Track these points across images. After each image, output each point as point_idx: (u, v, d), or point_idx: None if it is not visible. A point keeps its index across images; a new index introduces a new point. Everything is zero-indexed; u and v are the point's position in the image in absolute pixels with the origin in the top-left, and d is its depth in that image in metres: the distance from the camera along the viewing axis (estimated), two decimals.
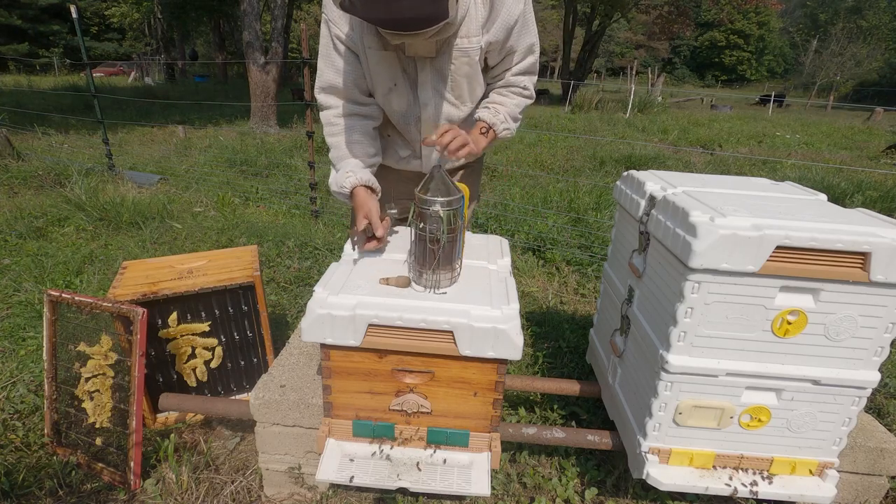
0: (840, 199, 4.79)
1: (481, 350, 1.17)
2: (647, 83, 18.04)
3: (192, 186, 4.67)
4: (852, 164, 7.44)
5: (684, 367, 1.12)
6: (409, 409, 1.26)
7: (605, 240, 3.32)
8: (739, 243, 1.01)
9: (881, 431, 1.37)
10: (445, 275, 1.25)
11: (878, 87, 31.33)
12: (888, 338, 1.08)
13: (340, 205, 4.25)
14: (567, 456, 1.63)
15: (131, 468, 1.42)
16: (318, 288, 1.21)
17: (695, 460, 1.22)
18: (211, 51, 25.99)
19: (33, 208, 3.78)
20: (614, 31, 36.41)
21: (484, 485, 1.22)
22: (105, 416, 1.49)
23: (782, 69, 44.84)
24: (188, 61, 22.50)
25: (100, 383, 1.49)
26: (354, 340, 1.18)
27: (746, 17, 40.60)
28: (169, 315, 1.60)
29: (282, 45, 8.38)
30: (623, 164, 6.22)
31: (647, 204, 1.31)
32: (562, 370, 2.07)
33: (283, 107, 9.42)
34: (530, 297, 2.73)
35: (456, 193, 1.20)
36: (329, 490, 1.47)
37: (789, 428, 1.18)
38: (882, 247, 0.99)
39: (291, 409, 1.37)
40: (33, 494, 1.42)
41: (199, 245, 3.27)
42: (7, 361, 1.99)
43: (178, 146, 6.53)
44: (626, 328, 1.41)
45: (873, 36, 33.42)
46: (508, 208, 3.98)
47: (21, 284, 2.59)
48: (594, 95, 13.87)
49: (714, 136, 9.59)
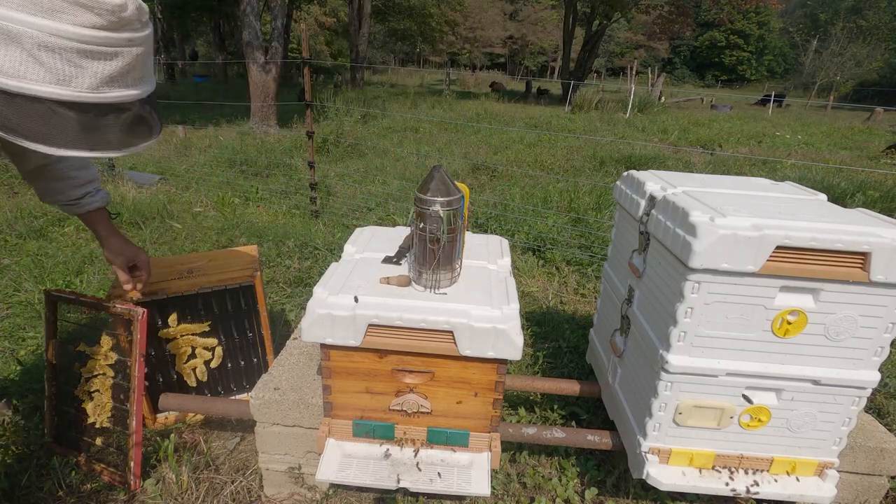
0: (840, 199, 4.79)
1: (481, 350, 1.17)
2: (647, 83, 18.04)
3: (192, 186, 4.67)
4: (852, 164, 7.44)
5: (684, 367, 1.12)
6: (409, 409, 1.26)
7: (605, 240, 3.32)
8: (739, 243, 1.01)
9: (881, 431, 1.37)
10: (445, 275, 1.25)
11: (878, 87, 31.32)
12: (888, 338, 1.08)
13: (340, 205, 4.25)
14: (567, 456, 1.63)
15: (131, 468, 1.42)
16: (318, 288, 1.21)
17: (695, 460, 1.22)
18: (211, 51, 25.99)
19: (33, 208, 3.78)
20: (614, 31, 36.39)
21: (484, 485, 1.22)
22: (105, 416, 1.48)
23: (782, 69, 44.82)
24: (188, 61, 22.50)
25: (100, 383, 1.49)
26: (354, 340, 1.18)
27: (746, 17, 40.60)
28: (169, 315, 1.60)
29: (282, 44, 8.37)
30: (623, 164, 6.22)
31: (647, 204, 1.31)
32: (562, 370, 2.07)
33: (283, 107, 9.41)
34: (530, 297, 2.73)
35: (456, 193, 1.20)
36: (329, 490, 1.47)
37: (789, 428, 1.18)
38: (882, 247, 0.99)
39: (291, 409, 1.37)
40: (33, 494, 1.42)
41: (199, 245, 3.27)
42: (7, 361, 1.99)
43: (178, 146, 6.52)
44: (626, 328, 1.41)
45: (873, 36, 33.41)
46: (508, 208, 3.98)
47: (21, 284, 2.59)
48: (594, 95, 13.86)
49: (714, 136, 9.58)
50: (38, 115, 0.83)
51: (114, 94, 0.88)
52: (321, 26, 24.95)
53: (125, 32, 0.87)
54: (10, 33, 0.77)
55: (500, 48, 42.15)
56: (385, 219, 3.90)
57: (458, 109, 11.80)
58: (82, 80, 0.84)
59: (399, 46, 31.85)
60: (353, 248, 1.48)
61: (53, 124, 0.84)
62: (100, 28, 0.83)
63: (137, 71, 0.92)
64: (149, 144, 0.98)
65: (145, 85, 0.95)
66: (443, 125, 8.90)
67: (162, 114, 1.03)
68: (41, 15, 0.79)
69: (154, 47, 0.97)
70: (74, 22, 0.81)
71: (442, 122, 9.02)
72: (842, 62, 31.76)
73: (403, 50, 36.32)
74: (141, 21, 0.90)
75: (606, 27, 18.06)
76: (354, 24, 16.57)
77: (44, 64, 0.80)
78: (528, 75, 38.04)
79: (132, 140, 0.94)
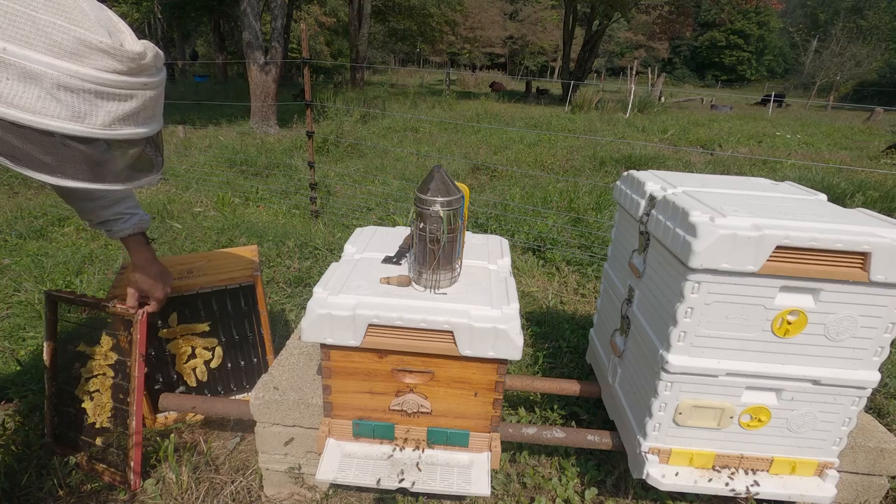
0: (840, 199, 4.79)
1: (481, 350, 1.17)
2: (648, 83, 18.04)
3: (192, 186, 4.67)
4: (852, 164, 7.44)
5: (684, 367, 1.12)
6: (409, 409, 1.26)
7: (605, 240, 3.32)
8: (739, 243, 1.01)
9: (881, 431, 1.37)
10: (445, 275, 1.25)
11: (878, 87, 31.32)
12: (888, 338, 1.08)
13: (340, 205, 4.25)
14: (567, 456, 1.63)
15: (131, 468, 1.42)
16: (318, 288, 1.21)
17: (695, 460, 1.22)
18: (211, 51, 25.98)
19: (33, 208, 3.78)
20: (614, 31, 36.40)
21: (484, 485, 1.22)
22: (105, 416, 1.48)
23: (782, 69, 44.84)
24: (188, 61, 22.50)
25: (100, 383, 1.49)
26: (354, 340, 1.18)
27: (746, 17, 40.61)
28: (169, 315, 1.60)
29: (282, 45, 8.36)
30: (623, 164, 6.22)
31: (647, 204, 1.31)
32: (562, 370, 2.07)
33: (283, 107, 9.42)
34: (530, 297, 2.73)
35: (456, 193, 1.20)
36: (329, 490, 1.47)
37: (789, 428, 1.18)
38: (882, 247, 0.99)
39: (291, 409, 1.37)
40: (33, 494, 1.42)
41: (199, 245, 3.27)
42: (7, 361, 1.99)
43: (178, 146, 6.52)
44: (626, 328, 1.41)
45: (873, 36, 33.40)
46: (508, 208, 3.98)
47: (21, 284, 2.59)
48: (594, 95, 13.86)
49: (714, 136, 9.58)
50: (47, 148, 0.85)
51: (124, 131, 0.92)
52: (321, 26, 24.94)
53: (142, 77, 0.91)
54: (31, 74, 0.80)
55: (500, 48, 42.18)
56: (385, 219, 3.90)
57: (458, 109, 11.81)
58: (96, 118, 0.87)
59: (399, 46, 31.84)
60: (353, 248, 1.48)
61: (61, 156, 0.87)
62: (119, 73, 0.87)
63: (148, 111, 0.97)
64: (150, 180, 1.02)
65: (154, 124, 1.00)
66: (443, 125, 8.90)
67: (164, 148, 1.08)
68: (65, 58, 0.81)
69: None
70: (96, 66, 0.84)
71: (442, 122, 9.02)
72: (842, 62, 31.75)
73: (403, 50, 36.29)
74: (157, 67, 0.95)
75: (606, 27, 18.05)
76: (354, 24, 16.57)
77: (61, 101, 0.83)
78: (528, 75, 38.08)
79: (136, 175, 0.99)
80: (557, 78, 27.92)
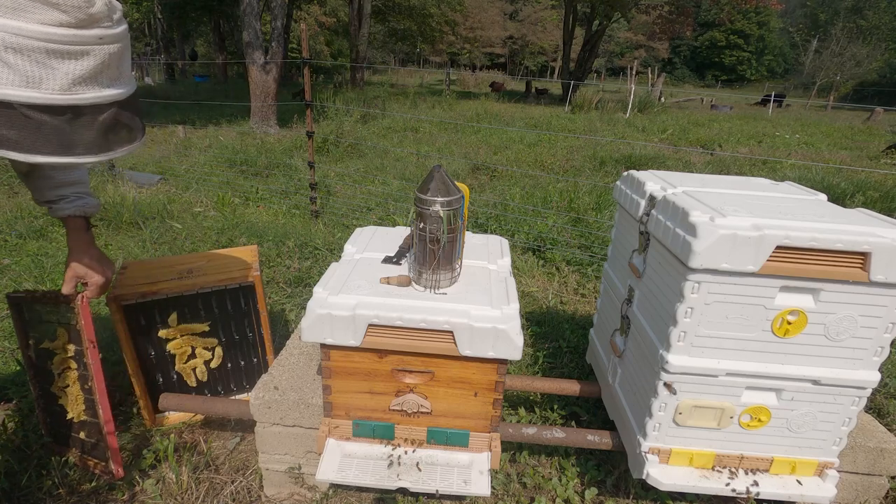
0: (840, 199, 4.79)
1: (481, 350, 1.17)
2: (647, 83, 18.04)
3: (192, 186, 4.67)
4: (852, 164, 7.44)
5: (684, 367, 1.12)
6: (409, 409, 1.26)
7: (605, 240, 3.31)
8: (739, 243, 1.01)
9: (881, 431, 1.37)
10: (445, 275, 1.25)
11: (878, 87, 31.30)
12: (888, 338, 1.08)
13: (341, 205, 4.25)
14: (567, 456, 1.63)
15: (109, 456, 1.41)
16: (318, 288, 1.21)
17: (695, 460, 1.22)
18: (211, 51, 25.98)
19: (33, 208, 3.78)
20: (614, 31, 36.39)
21: (484, 485, 1.22)
22: (80, 409, 1.46)
23: (782, 69, 44.83)
24: (188, 61, 22.50)
25: (69, 377, 1.46)
26: (354, 340, 1.18)
27: (746, 17, 40.59)
28: (169, 315, 1.60)
29: (282, 45, 8.36)
30: (623, 164, 6.22)
31: (647, 204, 1.31)
32: (562, 370, 2.07)
33: (283, 107, 9.42)
34: (530, 297, 2.73)
35: (456, 193, 1.20)
36: (329, 490, 1.47)
37: (789, 428, 1.18)
38: (882, 247, 0.99)
39: (291, 409, 1.37)
40: (33, 494, 1.42)
41: (199, 245, 3.27)
42: (7, 361, 1.99)
43: (178, 146, 6.52)
44: (626, 328, 1.41)
45: (873, 36, 33.39)
46: (508, 208, 3.98)
47: (21, 284, 2.59)
48: (594, 95, 13.86)
49: (714, 136, 9.58)
50: (8, 121, 0.79)
51: (87, 95, 0.84)
52: (321, 26, 24.94)
53: (95, 29, 0.83)
54: None
55: (500, 48, 42.16)
56: (385, 219, 3.90)
57: (458, 109, 11.80)
58: (53, 82, 0.80)
59: (399, 46, 31.84)
60: (353, 248, 1.48)
61: (25, 129, 0.80)
62: (67, 26, 0.80)
63: (112, 70, 0.88)
64: (130, 149, 0.94)
65: (122, 86, 0.90)
66: (443, 125, 8.90)
67: (144, 117, 0.97)
68: (5, 15, 0.75)
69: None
70: (40, 20, 0.77)
71: (442, 122, 9.02)
72: (842, 62, 31.74)
73: (403, 50, 36.30)
74: (112, 18, 0.86)
75: (606, 27, 18.05)
76: (354, 24, 16.57)
77: (11, 66, 0.77)
78: (528, 75, 38.05)
79: (111, 145, 0.90)
80: (557, 78, 27.92)
